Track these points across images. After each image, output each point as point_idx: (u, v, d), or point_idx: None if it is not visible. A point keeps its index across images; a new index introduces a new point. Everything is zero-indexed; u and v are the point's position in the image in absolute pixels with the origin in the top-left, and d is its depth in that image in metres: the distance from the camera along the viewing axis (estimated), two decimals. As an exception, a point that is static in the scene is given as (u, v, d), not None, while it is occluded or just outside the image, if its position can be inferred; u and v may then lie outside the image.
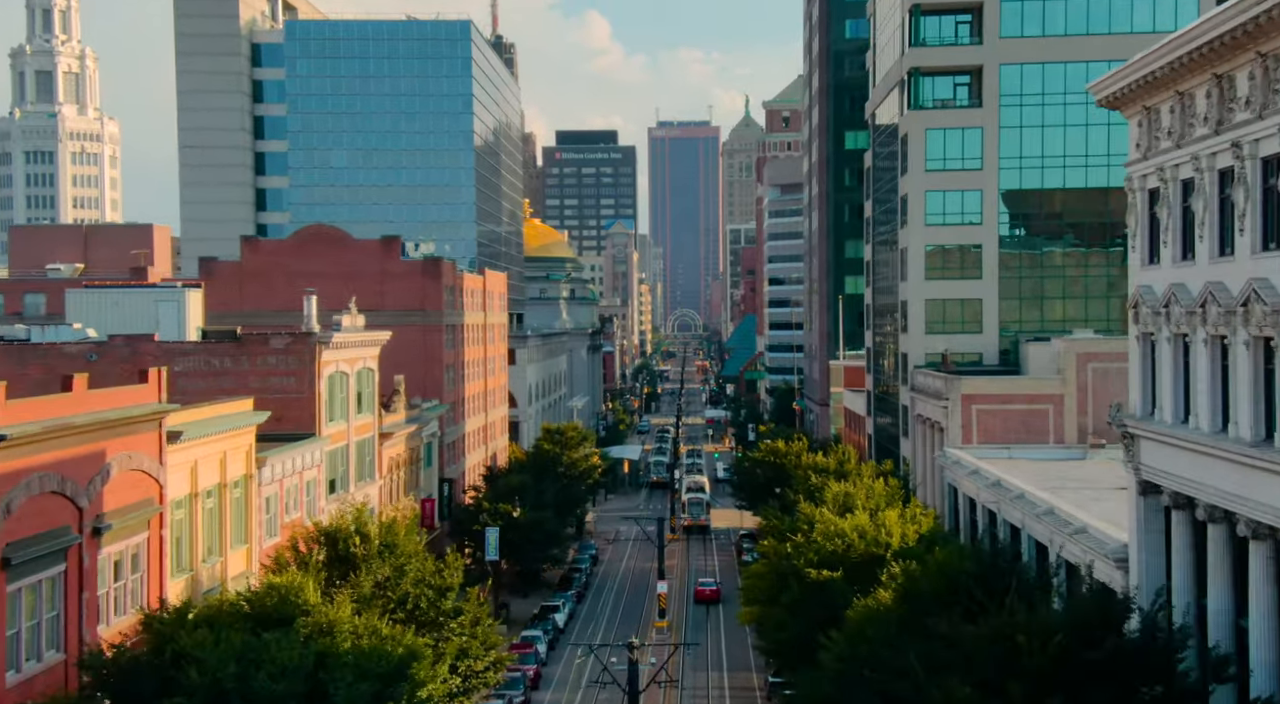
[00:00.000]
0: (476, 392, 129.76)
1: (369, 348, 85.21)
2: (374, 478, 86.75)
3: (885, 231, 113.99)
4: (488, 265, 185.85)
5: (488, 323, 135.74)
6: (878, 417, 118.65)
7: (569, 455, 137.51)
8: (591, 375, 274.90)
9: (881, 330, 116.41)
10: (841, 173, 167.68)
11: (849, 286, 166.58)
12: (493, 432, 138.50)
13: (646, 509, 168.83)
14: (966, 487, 77.14)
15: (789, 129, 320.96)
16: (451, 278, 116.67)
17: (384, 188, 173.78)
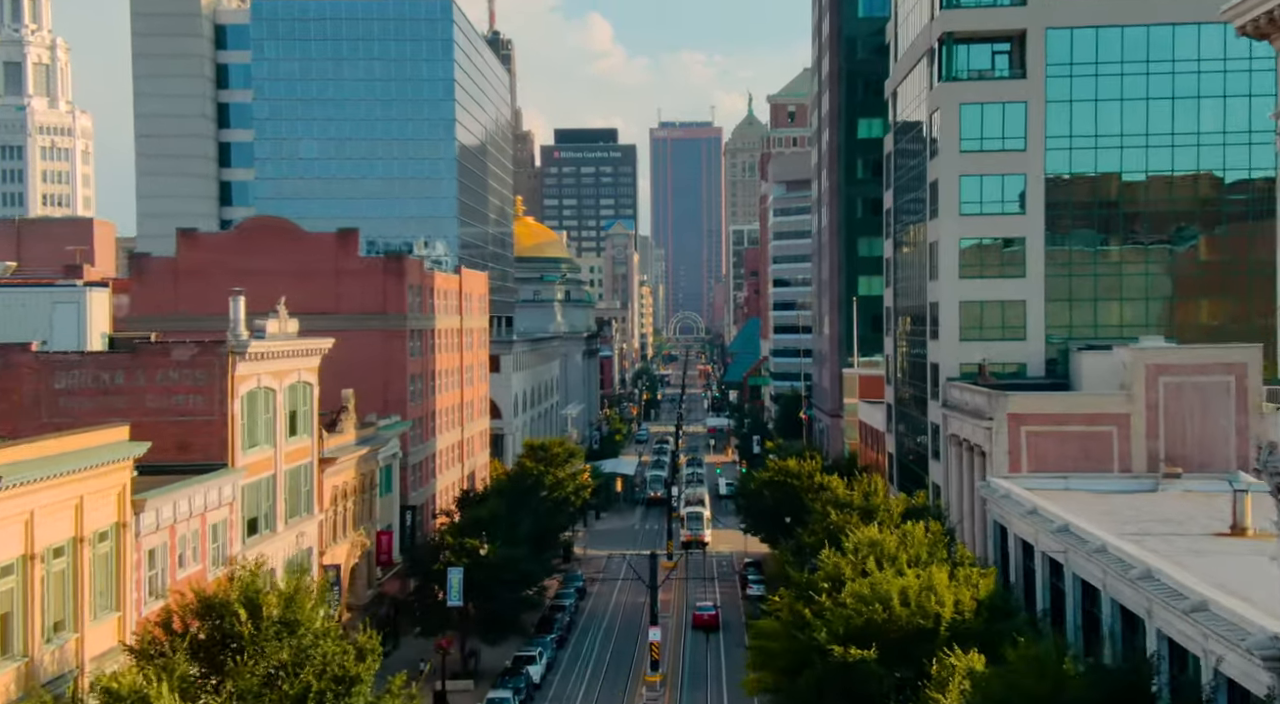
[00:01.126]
0: (450, 404, 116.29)
1: (305, 358, 71.69)
2: (312, 512, 73.24)
3: (909, 224, 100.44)
4: (474, 266, 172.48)
5: (465, 327, 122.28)
6: (900, 434, 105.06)
7: (554, 474, 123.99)
8: (587, 381, 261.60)
9: (905, 336, 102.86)
10: (854, 163, 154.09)
11: (862, 287, 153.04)
12: (470, 448, 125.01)
13: (643, 527, 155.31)
14: (1020, 527, 63.56)
15: (795, 124, 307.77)
16: (418, 276, 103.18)
17: (358, 180, 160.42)
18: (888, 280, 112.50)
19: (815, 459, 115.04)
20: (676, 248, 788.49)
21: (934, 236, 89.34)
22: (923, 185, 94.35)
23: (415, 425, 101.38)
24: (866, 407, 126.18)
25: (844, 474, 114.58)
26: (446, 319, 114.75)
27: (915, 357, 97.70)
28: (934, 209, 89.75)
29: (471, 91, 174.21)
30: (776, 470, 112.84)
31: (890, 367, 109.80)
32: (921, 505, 73.61)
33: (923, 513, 72.33)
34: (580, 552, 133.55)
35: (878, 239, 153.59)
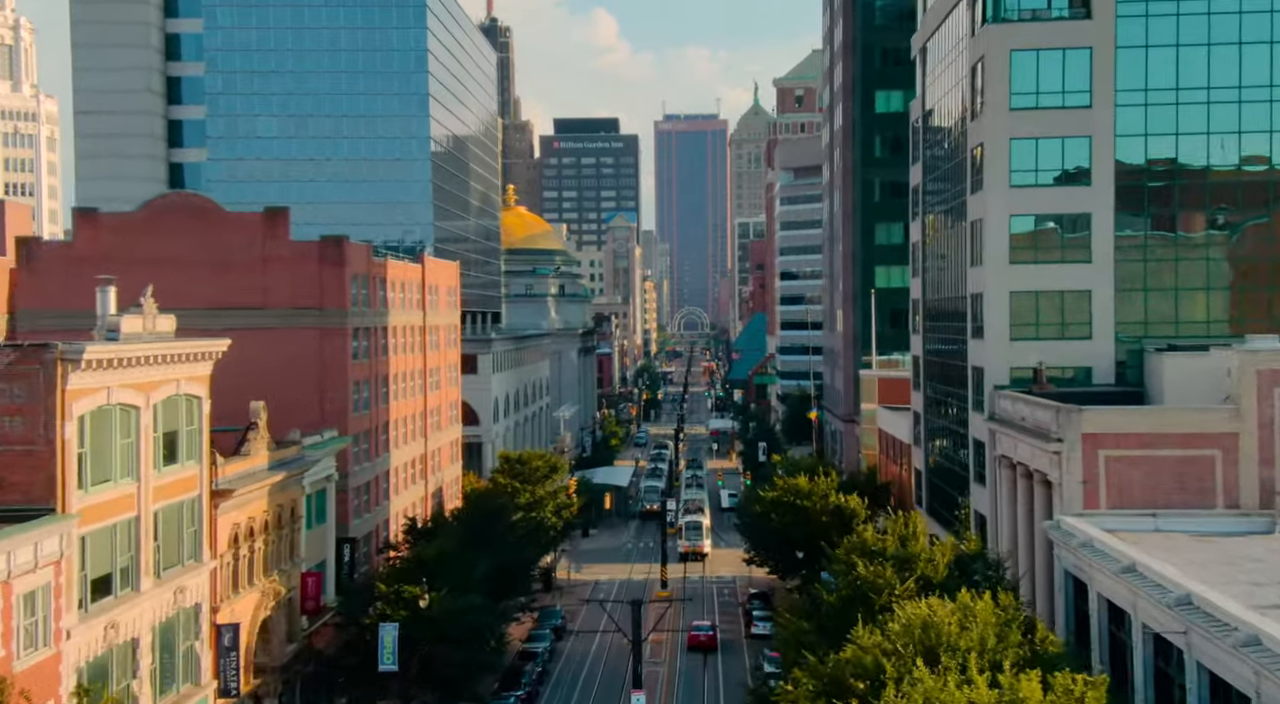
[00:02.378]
0: (410, 412, 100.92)
1: (188, 365, 56.25)
2: (201, 559, 57.84)
3: (943, 202, 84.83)
4: (454, 257, 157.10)
5: (428, 324, 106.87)
6: (932, 448, 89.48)
7: (531, 492, 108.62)
8: (583, 381, 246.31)
9: (937, 334, 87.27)
10: (871, 141, 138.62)
11: (880, 278, 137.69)
12: (436, 461, 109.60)
13: (636, 544, 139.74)
14: (1111, 589, 48.12)
15: (803, 108, 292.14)
16: (364, 264, 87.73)
17: (321, 162, 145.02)
18: (914, 269, 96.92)
19: (830, 475, 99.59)
20: (681, 242, 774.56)
21: (977, 214, 73.74)
22: (960, 154, 78.78)
23: (359, 440, 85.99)
24: (887, 414, 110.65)
25: (863, 493, 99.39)
26: (404, 315, 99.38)
27: (951, 358, 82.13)
28: (977, 181, 74.14)
29: (451, 66, 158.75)
30: (785, 489, 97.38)
31: (918, 369, 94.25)
32: (974, 554, 58.01)
33: (975, 562, 56.80)
34: (564, 575, 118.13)
35: (898, 224, 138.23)
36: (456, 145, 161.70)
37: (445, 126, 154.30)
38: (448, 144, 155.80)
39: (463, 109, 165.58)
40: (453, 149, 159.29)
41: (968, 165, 76.18)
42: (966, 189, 76.65)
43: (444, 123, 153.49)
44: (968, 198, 76.23)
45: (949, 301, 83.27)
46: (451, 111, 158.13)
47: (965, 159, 76.95)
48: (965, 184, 77.04)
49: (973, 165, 75.09)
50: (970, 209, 75.63)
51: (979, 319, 73.51)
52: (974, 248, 74.95)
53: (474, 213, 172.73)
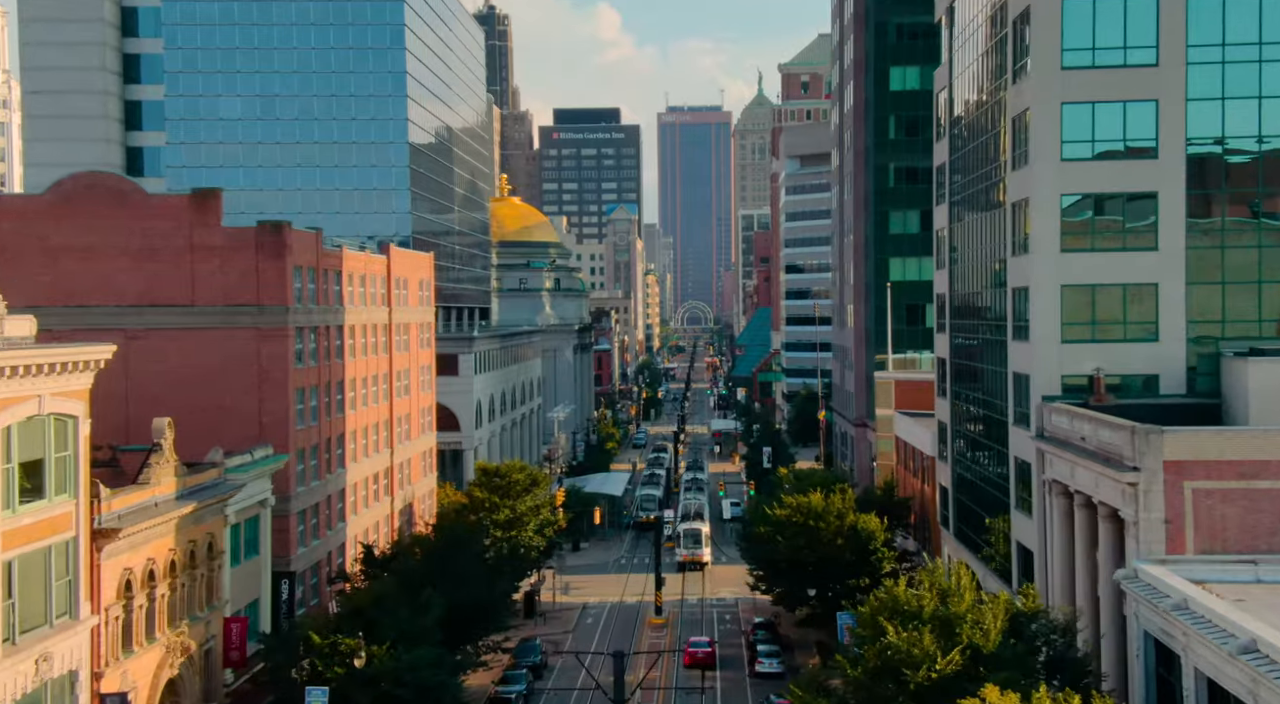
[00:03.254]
0: (372, 421, 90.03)
1: (55, 378, 45.28)
2: (78, 615, 46.95)
3: (976, 182, 73.69)
4: (435, 249, 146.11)
5: (396, 321, 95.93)
6: (961, 463, 78.38)
7: (511, 508, 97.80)
8: (579, 379, 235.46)
9: (968, 334, 76.18)
10: (885, 121, 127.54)
11: (895, 271, 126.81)
12: (406, 474, 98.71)
13: (631, 559, 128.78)
14: (1219, 669, 37.14)
15: (809, 95, 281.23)
16: (311, 254, 76.74)
17: (289, 146, 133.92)
18: (939, 260, 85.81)
19: (846, 492, 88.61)
20: (685, 236, 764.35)
21: (1020, 193, 62.66)
22: (996, 126, 67.68)
23: (305, 456, 75.05)
24: (907, 421, 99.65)
25: (881, 511, 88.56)
26: (366, 312, 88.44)
27: (986, 362, 71.07)
28: (1019, 156, 63.08)
29: (433, 45, 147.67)
30: (795, 508, 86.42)
31: (944, 373, 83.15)
32: (1033, 612, 46.90)
33: (1033, 623, 45.75)
34: (549, 598, 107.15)
35: (914, 212, 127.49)
36: (440, 130, 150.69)
37: (427, 108, 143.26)
38: (430, 127, 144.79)
39: (447, 91, 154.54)
40: (436, 133, 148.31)
41: (1007, 137, 65.08)
42: (1005, 165, 65.55)
43: (425, 105, 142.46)
44: (1007, 176, 65.14)
45: (983, 296, 72.23)
46: (434, 93, 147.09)
47: (1004, 131, 65.83)
48: (1004, 160, 65.95)
49: (1014, 137, 64.00)
50: (1010, 188, 64.54)
51: (1022, 317, 62.47)
52: (1015, 234, 63.89)
53: (460, 202, 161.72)
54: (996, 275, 68.10)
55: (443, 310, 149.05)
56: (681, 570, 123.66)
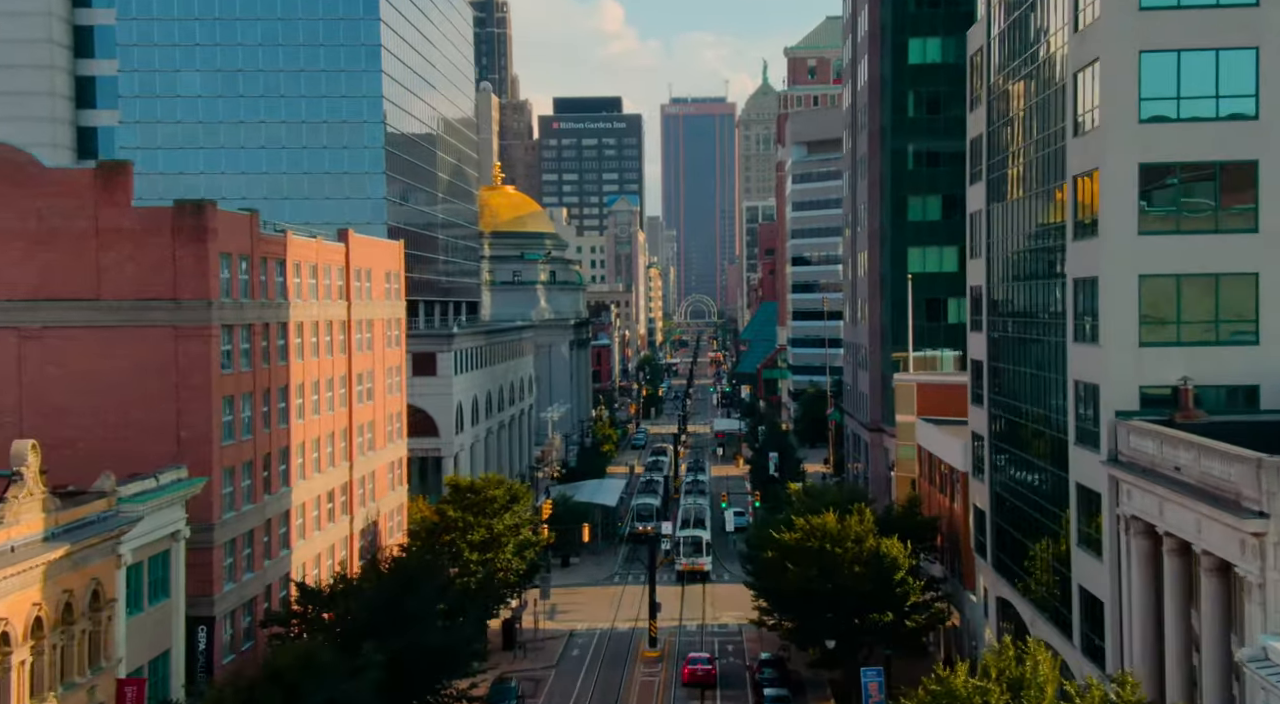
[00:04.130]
0: (326, 431, 79.17)
1: None
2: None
3: (1024, 154, 62.61)
4: (416, 239, 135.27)
5: (356, 317, 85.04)
6: (1001, 484, 67.37)
7: (489, 527, 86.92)
8: (576, 376, 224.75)
9: (1012, 333, 65.10)
10: (903, 99, 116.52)
11: (914, 262, 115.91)
12: (369, 489, 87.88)
13: (625, 577, 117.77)
14: None
15: (816, 80, 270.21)
16: (244, 239, 65.81)
17: (254, 125, 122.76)
18: (974, 248, 74.71)
19: (865, 512, 77.61)
20: (689, 229, 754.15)
21: (1085, 164, 51.66)
22: (1053, 85, 56.66)
23: (235, 475, 64.18)
24: (931, 429, 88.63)
25: (904, 534, 77.64)
26: (318, 306, 77.54)
27: (1035, 367, 60.07)
28: (1085, 118, 52.06)
29: (413, 17, 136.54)
30: (807, 532, 75.44)
31: (979, 376, 72.12)
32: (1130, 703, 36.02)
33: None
34: (531, 625, 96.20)
35: (934, 197, 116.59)
36: (422, 110, 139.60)
37: (405, 86, 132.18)
38: (409, 107, 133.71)
39: (430, 68, 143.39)
40: (416, 114, 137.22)
41: (1068, 97, 54.00)
42: (1065, 132, 54.50)
43: (404, 82, 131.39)
44: (1067, 143, 54.08)
45: (1032, 289, 61.23)
46: (414, 69, 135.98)
47: (1064, 89, 54.75)
48: (1062, 125, 54.89)
49: (1076, 98, 52.95)
50: (1071, 159, 53.49)
51: (1087, 314, 51.48)
52: (1078, 214, 52.86)
53: (445, 189, 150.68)
54: (1050, 264, 57.09)
55: (424, 305, 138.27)
56: (680, 581, 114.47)
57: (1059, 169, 55.22)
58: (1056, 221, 56.03)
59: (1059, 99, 55.38)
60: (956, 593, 79.67)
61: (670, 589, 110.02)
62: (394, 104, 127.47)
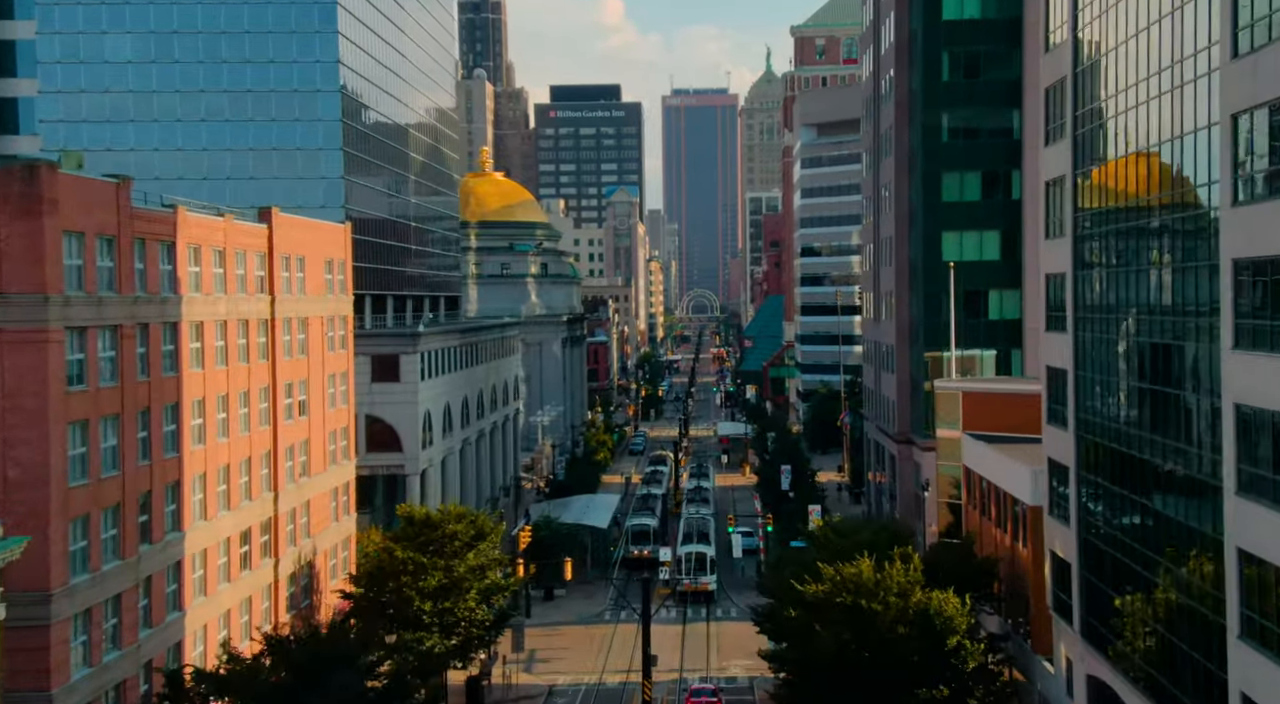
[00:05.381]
0: (241, 456, 63.70)
1: None
2: None
3: (1134, 92, 46.85)
4: (381, 227, 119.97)
5: (282, 315, 69.50)
6: (1096, 532, 51.68)
7: (447, 569, 71.37)
8: (570, 376, 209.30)
9: (1123, 335, 49.36)
10: (936, 60, 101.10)
11: (948, 248, 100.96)
12: (303, 524, 72.43)
13: (617, 612, 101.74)
14: None
15: (825, 60, 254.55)
16: (106, 216, 50.22)
17: (192, 95, 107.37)
18: (1051, 225, 58.87)
19: (911, 560, 62.00)
20: (690, 222, 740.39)
21: (1259, 93, 35.93)
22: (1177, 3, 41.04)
23: (92, 525, 48.65)
24: (982, 448, 73.15)
25: (957, 584, 62.19)
26: (224, 302, 62.03)
27: (1162, 380, 44.40)
28: (1260, 26, 36.36)
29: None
30: (836, 585, 59.92)
31: (1060, 389, 56.49)
32: None
33: None
34: (503, 680, 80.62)
35: (972, 174, 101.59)
36: (390, 82, 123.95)
37: (368, 52, 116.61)
38: (374, 77, 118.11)
39: (400, 36, 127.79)
40: (383, 86, 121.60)
41: (1217, 5, 38.38)
42: (1211, 54, 38.87)
43: (366, 47, 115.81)
44: (1221, 68, 38.43)
45: (1150, 276, 45.61)
46: (380, 35, 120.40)
47: None
48: (1207, 46, 39.27)
49: (1234, 8, 37.33)
50: (1228, 89, 37.84)
51: (1264, 310, 35.87)
52: (1239, 168, 37.25)
53: (420, 171, 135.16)
54: (1188, 242, 41.51)
55: (394, 300, 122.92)
56: (683, 602, 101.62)
57: (1204, 106, 39.60)
58: (1195, 183, 40.48)
59: (1200, 10, 39.76)
60: (1023, 657, 64.20)
61: (669, 629, 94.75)
62: (353, 71, 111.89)
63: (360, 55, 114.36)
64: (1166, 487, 43.84)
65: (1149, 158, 45.08)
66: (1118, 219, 48.92)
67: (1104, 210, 50.76)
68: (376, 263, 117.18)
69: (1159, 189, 44.35)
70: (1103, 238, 50.78)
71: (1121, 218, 48.45)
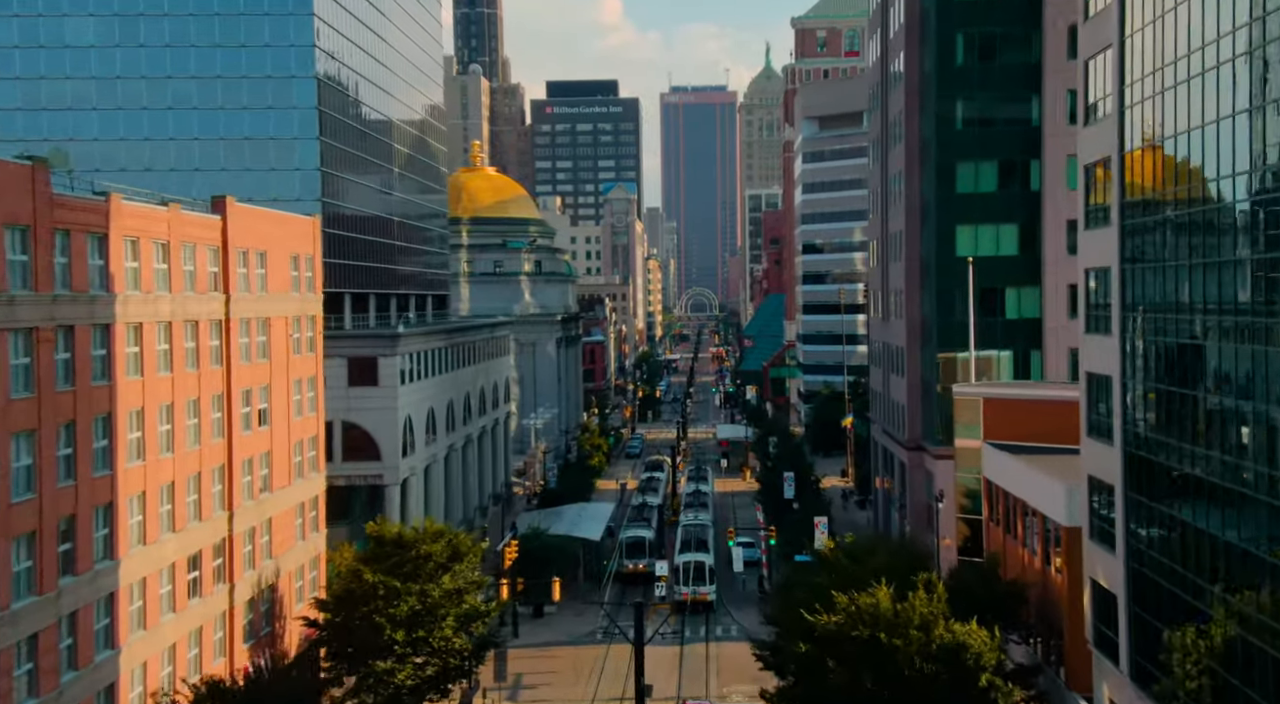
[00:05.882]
0: (190, 472, 57.47)
1: None
2: None
3: (1197, 55, 40.52)
4: (362, 223, 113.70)
5: (236, 316, 63.17)
6: (1147, 560, 45.33)
7: (421, 594, 65.07)
8: (565, 377, 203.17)
9: (1183, 337, 43.01)
10: (950, 42, 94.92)
11: (962, 243, 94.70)
12: (264, 544, 66.16)
13: (611, 636, 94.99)
14: None
15: (827, 53, 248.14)
16: (16, 202, 43.91)
17: (158, 81, 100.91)
18: (1093, 215, 52.52)
19: (936, 590, 55.69)
20: (689, 220, 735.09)
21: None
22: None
23: (3, 556, 42.42)
24: (1005, 459, 66.94)
25: (983, 612, 56.01)
26: (168, 302, 55.74)
27: (1234, 393, 38.07)
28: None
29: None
30: (851, 616, 53.66)
31: (1109, 400, 50.17)
32: None
33: None
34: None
35: (988, 164, 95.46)
36: (371, 69, 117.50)
37: (347, 36, 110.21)
38: (353, 63, 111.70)
39: (382, 21, 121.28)
40: (364, 73, 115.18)
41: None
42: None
43: (345, 30, 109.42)
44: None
45: (1218, 270, 39.28)
46: (360, 18, 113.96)
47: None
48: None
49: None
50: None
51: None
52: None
53: (405, 164, 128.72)
54: (1270, 232, 35.16)
55: (376, 299, 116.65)
56: (679, 611, 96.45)
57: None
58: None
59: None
60: (1056, 694, 57.89)
61: (665, 650, 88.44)
62: (331, 57, 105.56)
63: (339, 40, 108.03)
64: (1236, 512, 37.56)
65: (1218, 129, 38.74)
66: (1177, 205, 42.59)
67: (1157, 196, 44.44)
68: (357, 260, 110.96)
69: (1233, 167, 38.03)
70: (1158, 227, 44.45)
71: (1182, 204, 42.12)
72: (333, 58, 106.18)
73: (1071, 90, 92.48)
